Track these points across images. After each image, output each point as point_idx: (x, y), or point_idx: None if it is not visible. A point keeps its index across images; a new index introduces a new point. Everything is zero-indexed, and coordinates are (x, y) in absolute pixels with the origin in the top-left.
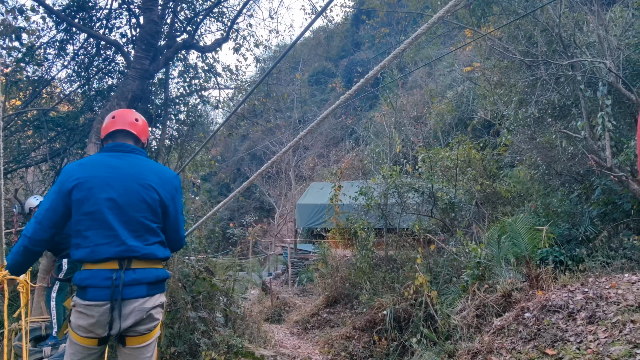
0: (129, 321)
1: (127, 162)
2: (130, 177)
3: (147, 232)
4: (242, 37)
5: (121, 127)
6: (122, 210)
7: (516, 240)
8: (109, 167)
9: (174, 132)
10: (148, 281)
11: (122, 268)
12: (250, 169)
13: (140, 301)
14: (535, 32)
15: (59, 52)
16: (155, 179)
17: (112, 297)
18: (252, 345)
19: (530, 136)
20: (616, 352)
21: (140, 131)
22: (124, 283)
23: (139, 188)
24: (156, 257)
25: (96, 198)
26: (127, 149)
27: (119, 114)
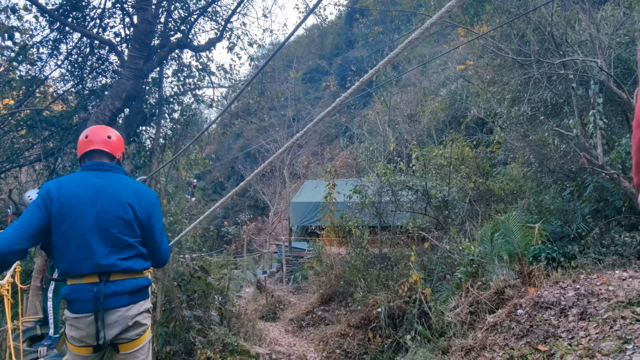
0: (115, 330)
1: (106, 180)
2: (109, 195)
3: (125, 247)
4: (236, 36)
5: (95, 147)
6: (101, 227)
7: (509, 238)
8: (88, 185)
9: (168, 131)
10: (128, 291)
11: (102, 281)
12: (244, 168)
13: (123, 310)
14: (528, 30)
15: (52, 52)
16: (133, 197)
17: (95, 308)
18: (247, 343)
19: (523, 134)
20: (607, 347)
21: (114, 148)
22: (105, 295)
23: (116, 206)
24: (134, 269)
25: (76, 216)
26: (105, 168)
27: (92, 133)
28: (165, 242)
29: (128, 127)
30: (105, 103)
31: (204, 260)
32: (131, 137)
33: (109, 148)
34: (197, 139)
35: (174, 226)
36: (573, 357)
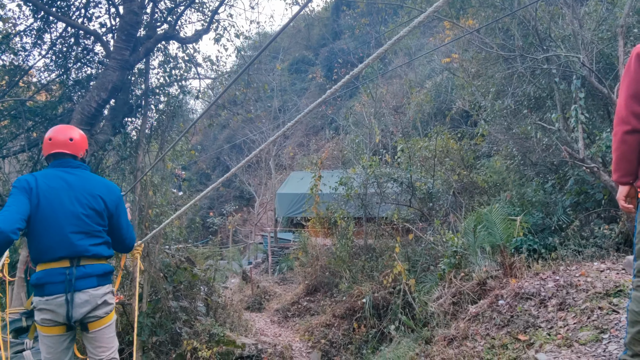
0: (86, 308)
1: (77, 176)
2: (81, 189)
3: (95, 235)
4: (223, 27)
5: (58, 149)
6: (75, 216)
7: (491, 230)
8: (62, 180)
9: (154, 122)
10: (97, 274)
11: (73, 265)
12: (230, 159)
13: (92, 290)
14: (512, 25)
15: (36, 41)
16: (103, 190)
17: (66, 289)
18: (234, 333)
19: (506, 127)
20: (584, 337)
21: (76, 149)
22: (76, 277)
23: (89, 197)
24: (102, 255)
25: (52, 206)
26: (74, 165)
27: (55, 136)
28: (131, 230)
29: (114, 118)
30: (91, 94)
31: (189, 251)
32: (117, 128)
33: (71, 150)
34: (186, 131)
35: (160, 218)
36: (552, 346)
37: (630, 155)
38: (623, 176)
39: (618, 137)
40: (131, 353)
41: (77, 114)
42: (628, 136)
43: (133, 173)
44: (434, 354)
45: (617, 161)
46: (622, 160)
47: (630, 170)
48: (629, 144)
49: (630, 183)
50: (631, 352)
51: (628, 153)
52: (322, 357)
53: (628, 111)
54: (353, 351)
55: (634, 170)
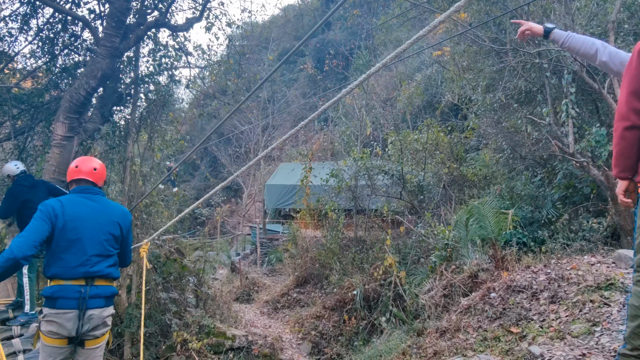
0: (88, 325)
1: (98, 203)
2: (102, 215)
3: (109, 257)
4: (215, 16)
5: (83, 176)
6: (98, 241)
7: (483, 223)
8: (85, 206)
9: (144, 111)
10: (106, 295)
11: (88, 284)
12: (218, 149)
13: (99, 310)
14: (505, 18)
15: (22, 27)
16: (120, 216)
17: (80, 306)
18: (224, 325)
19: (496, 121)
20: (576, 329)
21: (98, 178)
22: (89, 296)
23: (109, 223)
24: (113, 277)
25: (77, 230)
26: (95, 192)
27: (81, 164)
28: (131, 250)
29: (103, 107)
30: (80, 82)
31: (178, 242)
32: (106, 117)
33: (94, 178)
34: (206, 137)
35: (150, 208)
36: (544, 338)
37: (629, 151)
38: (622, 171)
39: (618, 133)
40: (120, 345)
41: (65, 102)
42: (627, 132)
43: (122, 162)
44: (426, 346)
45: (616, 157)
46: (622, 156)
47: (629, 165)
48: (628, 140)
49: (630, 178)
50: (630, 346)
51: (627, 149)
52: (312, 349)
53: (628, 107)
54: (344, 343)
55: (633, 166)
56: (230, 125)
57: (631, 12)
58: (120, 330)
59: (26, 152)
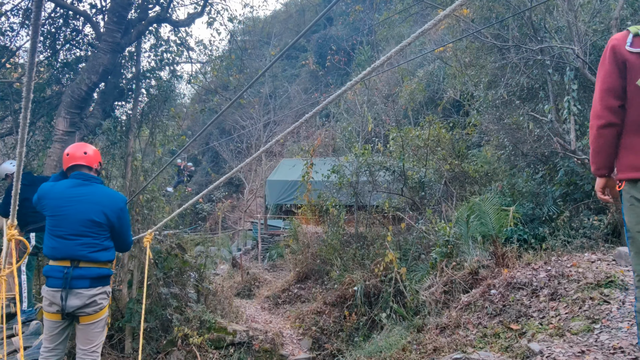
0: (76, 303)
1: (87, 189)
2: (87, 201)
3: (93, 244)
4: (216, 11)
5: (75, 162)
6: (77, 227)
7: (484, 220)
8: (72, 192)
9: (145, 106)
10: (91, 276)
11: (73, 266)
12: (219, 144)
13: (84, 290)
14: (507, 15)
15: (23, 21)
16: (106, 203)
17: (64, 285)
18: (225, 320)
19: (498, 117)
20: (576, 327)
21: (90, 161)
22: (72, 276)
23: (92, 211)
24: (99, 260)
25: (59, 216)
26: (85, 178)
27: (71, 152)
28: (130, 235)
29: (104, 102)
30: (82, 77)
31: (180, 237)
32: (107, 112)
33: (87, 162)
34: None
35: (151, 203)
36: (544, 335)
37: (606, 148)
38: (599, 169)
39: (593, 131)
40: (121, 339)
41: (66, 97)
42: (603, 130)
43: (123, 158)
44: (426, 342)
45: (593, 154)
46: (599, 154)
47: (605, 163)
48: (604, 137)
49: (607, 175)
50: None
51: (604, 147)
52: (312, 344)
53: (602, 105)
54: (344, 338)
55: (609, 164)
56: (232, 121)
57: (634, 9)
58: (121, 325)
59: (27, 146)
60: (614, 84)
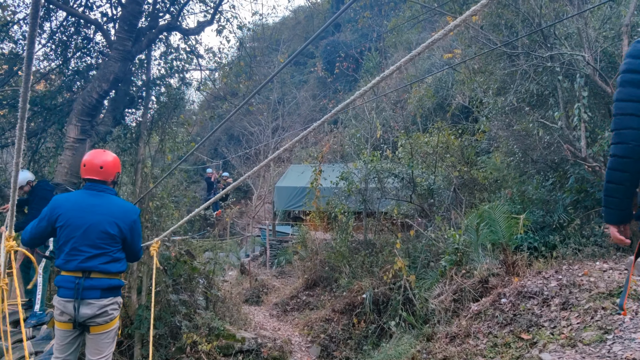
0: (87, 312)
1: (100, 200)
2: (100, 213)
3: (104, 254)
4: (226, 19)
5: (89, 176)
6: (90, 239)
7: (493, 227)
8: (86, 203)
9: (155, 113)
10: (102, 287)
11: (84, 277)
12: (227, 150)
13: (95, 301)
14: (517, 21)
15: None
16: (119, 215)
17: (75, 296)
18: (233, 327)
19: (507, 124)
20: (588, 337)
21: (105, 175)
22: (84, 287)
23: (105, 223)
24: (110, 271)
25: (72, 227)
26: (100, 189)
27: (88, 163)
28: (140, 245)
29: (115, 110)
30: (93, 85)
31: (189, 244)
32: (117, 119)
33: (101, 176)
34: (213, 133)
35: (161, 210)
36: (555, 345)
37: None
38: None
39: None
40: (130, 346)
41: (77, 105)
42: None
43: (134, 165)
44: (436, 351)
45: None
46: None
47: None
48: None
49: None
50: None
51: None
52: (321, 352)
53: None
54: (353, 346)
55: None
56: (241, 127)
57: None
58: (130, 332)
59: (39, 154)
60: None
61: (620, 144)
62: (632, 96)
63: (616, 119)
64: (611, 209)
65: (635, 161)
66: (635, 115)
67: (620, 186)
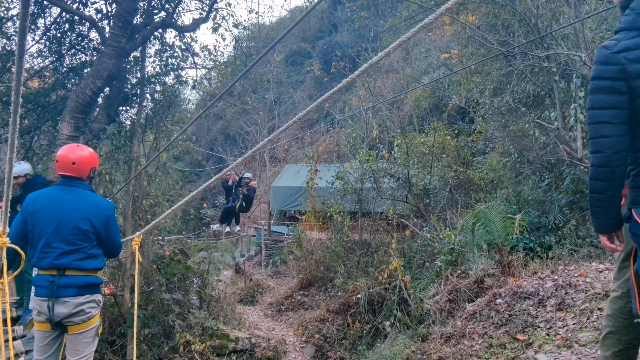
0: (63, 311)
1: (73, 196)
2: (71, 209)
3: (79, 251)
4: (222, 17)
5: (62, 172)
6: (62, 235)
7: (489, 228)
8: (57, 199)
9: (150, 111)
10: (78, 285)
11: (59, 274)
12: (224, 149)
13: (71, 299)
14: (514, 21)
15: (29, 26)
16: (92, 210)
17: (50, 294)
18: (227, 327)
19: (503, 124)
20: (584, 338)
21: (78, 172)
22: (59, 285)
23: (77, 219)
24: (85, 268)
25: (44, 224)
26: (73, 185)
27: (61, 158)
28: (118, 241)
29: (109, 107)
30: (86, 82)
31: (183, 243)
32: (112, 117)
33: (74, 172)
34: (185, 129)
35: (154, 209)
36: (551, 346)
37: None
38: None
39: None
40: (123, 345)
41: (71, 102)
42: None
43: (127, 162)
44: (431, 352)
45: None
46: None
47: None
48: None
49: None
50: None
51: None
52: (316, 352)
53: None
54: (347, 347)
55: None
56: (237, 127)
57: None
58: (123, 331)
59: (32, 151)
60: None
61: (596, 152)
62: (603, 103)
63: (590, 128)
64: (599, 218)
65: (613, 169)
66: (607, 123)
67: (604, 195)
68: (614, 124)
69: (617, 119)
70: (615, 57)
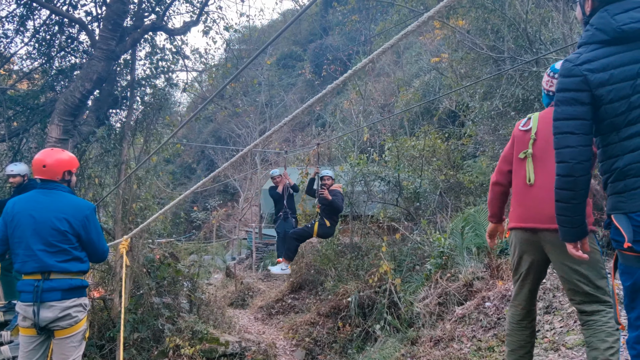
0: (49, 316)
1: (50, 198)
2: (49, 211)
3: (61, 252)
4: (212, 20)
5: (36, 175)
6: (41, 236)
7: (479, 231)
8: (35, 202)
9: (140, 114)
10: (63, 288)
11: (43, 278)
12: (214, 152)
13: (56, 303)
14: (503, 26)
15: (18, 28)
16: (69, 211)
17: (35, 299)
18: (217, 331)
19: (493, 128)
20: (571, 341)
21: (50, 174)
22: (43, 289)
23: (54, 220)
24: (70, 271)
25: (22, 227)
26: (50, 187)
27: (34, 162)
28: (103, 244)
29: (98, 110)
30: (75, 84)
31: (173, 246)
32: (101, 119)
33: (46, 175)
34: (176, 132)
35: (144, 212)
36: (538, 350)
37: (493, 201)
38: (490, 216)
39: (490, 184)
40: (112, 349)
41: (60, 105)
42: (493, 186)
43: (117, 166)
44: (421, 355)
45: (488, 203)
46: (490, 204)
47: (494, 212)
48: (493, 192)
49: (494, 222)
50: None
51: (492, 199)
52: (306, 356)
53: (498, 167)
54: (338, 350)
55: (497, 213)
56: (228, 129)
57: None
58: (112, 335)
59: (20, 153)
60: (507, 153)
61: (561, 163)
62: (567, 114)
63: (555, 139)
64: (565, 227)
65: (576, 179)
66: (571, 134)
67: (569, 204)
68: (577, 134)
69: (580, 129)
70: (578, 69)
